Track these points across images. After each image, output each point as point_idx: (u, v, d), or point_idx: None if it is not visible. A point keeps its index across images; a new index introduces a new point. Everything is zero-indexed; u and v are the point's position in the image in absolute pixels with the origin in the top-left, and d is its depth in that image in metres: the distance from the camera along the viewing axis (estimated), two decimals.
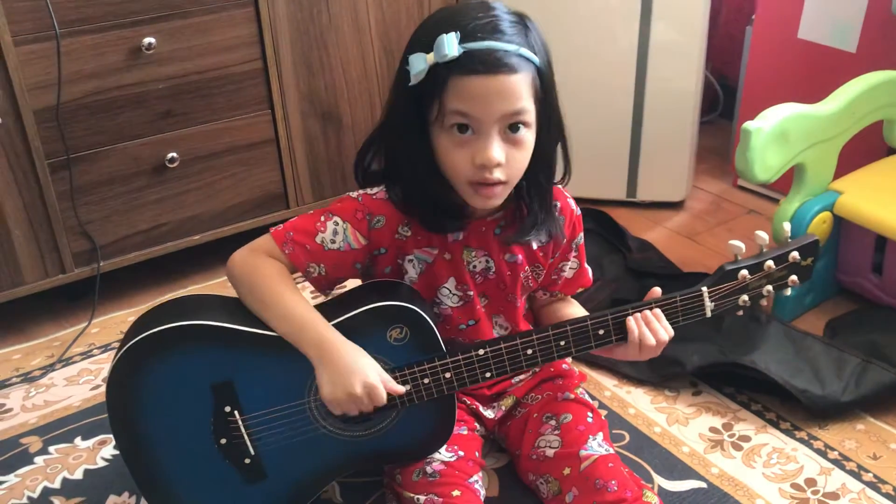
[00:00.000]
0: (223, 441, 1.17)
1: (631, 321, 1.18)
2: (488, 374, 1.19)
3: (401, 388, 1.15)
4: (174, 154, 1.81)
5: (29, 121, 1.64)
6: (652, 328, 1.17)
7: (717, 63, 2.62)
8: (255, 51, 1.84)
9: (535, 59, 1.10)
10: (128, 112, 1.74)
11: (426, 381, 1.17)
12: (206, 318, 1.14)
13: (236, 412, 1.16)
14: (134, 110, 1.74)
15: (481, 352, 1.18)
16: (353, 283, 1.28)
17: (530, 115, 1.11)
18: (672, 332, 1.19)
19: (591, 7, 2.06)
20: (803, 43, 2.07)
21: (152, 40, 1.70)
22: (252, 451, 1.19)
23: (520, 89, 1.09)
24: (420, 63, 1.08)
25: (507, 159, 1.11)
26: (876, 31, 1.94)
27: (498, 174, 1.11)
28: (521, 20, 1.12)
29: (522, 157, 1.13)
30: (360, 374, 1.11)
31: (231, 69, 1.82)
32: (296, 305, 1.14)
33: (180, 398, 1.15)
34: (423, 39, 1.10)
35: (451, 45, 1.05)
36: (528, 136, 1.13)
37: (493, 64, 1.06)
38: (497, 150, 1.09)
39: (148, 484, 1.19)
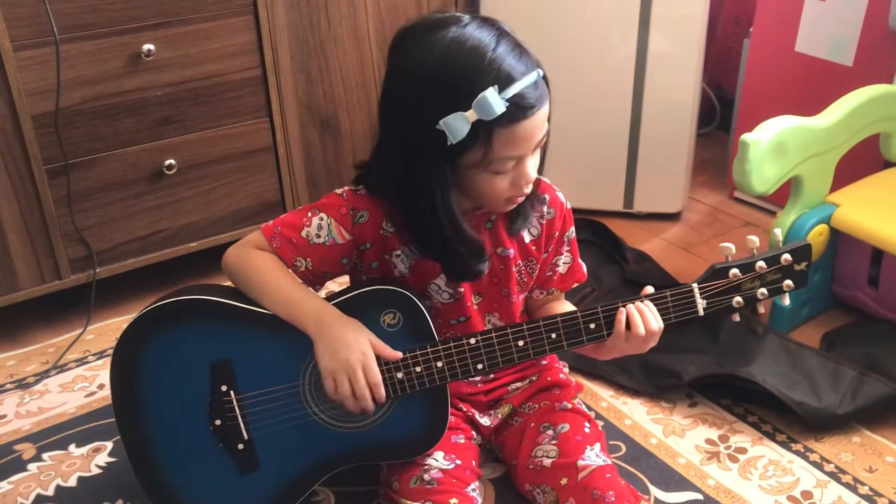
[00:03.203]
0: (217, 422, 1.18)
1: (621, 310, 1.18)
2: (480, 366, 1.19)
3: (396, 354, 1.16)
4: (172, 161, 1.81)
5: (27, 126, 1.63)
6: (643, 316, 1.18)
7: (714, 75, 2.64)
8: (254, 58, 1.84)
9: (542, 70, 1.12)
10: (126, 118, 1.74)
11: (418, 369, 1.18)
12: (209, 296, 1.18)
13: (232, 392, 1.17)
14: (132, 117, 1.74)
15: (472, 341, 1.18)
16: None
17: None
18: (662, 325, 1.19)
19: (589, 18, 2.07)
20: (800, 56, 2.08)
21: (151, 47, 1.70)
22: (246, 436, 1.20)
23: (548, 110, 1.13)
24: (463, 125, 1.05)
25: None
26: (872, 46, 1.95)
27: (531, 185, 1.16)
28: (509, 33, 1.11)
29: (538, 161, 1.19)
30: (358, 346, 1.13)
31: (230, 77, 1.82)
32: (290, 285, 1.18)
33: (180, 374, 1.17)
34: (452, 94, 1.06)
35: (496, 103, 1.04)
36: None
37: (534, 102, 1.08)
38: (533, 168, 1.15)
39: (143, 469, 1.20)
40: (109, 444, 1.50)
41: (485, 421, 1.38)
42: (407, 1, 1.98)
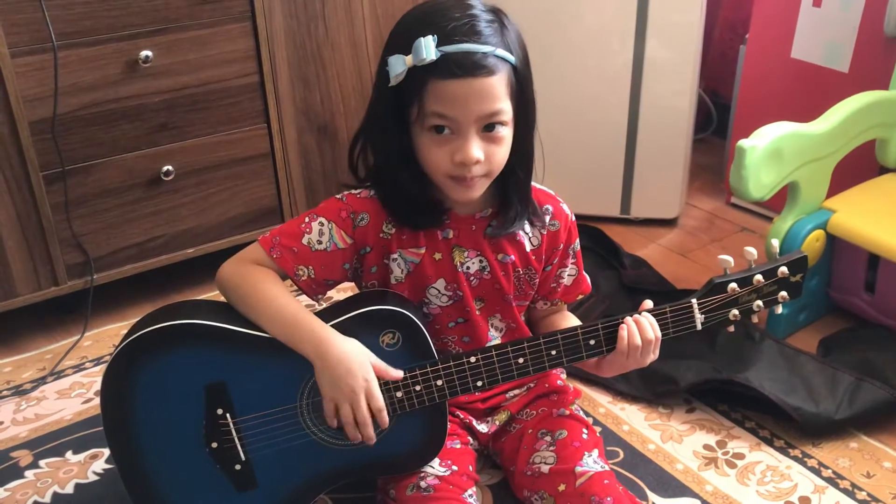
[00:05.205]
0: (214, 445, 1.17)
1: (622, 327, 1.19)
2: (479, 383, 1.19)
3: (398, 374, 1.15)
4: (169, 167, 1.81)
5: (24, 133, 1.63)
6: (640, 327, 1.18)
7: (710, 81, 2.64)
8: (251, 65, 1.84)
9: (511, 58, 1.12)
10: (124, 124, 1.74)
11: (417, 388, 1.17)
12: (202, 319, 1.15)
13: (228, 415, 1.16)
14: (130, 123, 1.74)
15: (473, 359, 1.18)
16: (341, 296, 1.28)
17: (507, 114, 1.13)
18: (659, 335, 1.20)
19: (586, 25, 2.07)
20: (796, 62, 2.09)
21: (149, 53, 1.70)
22: (243, 457, 1.18)
23: (497, 91, 1.10)
24: (399, 65, 1.09)
25: (487, 155, 1.13)
26: (868, 52, 1.96)
27: (477, 170, 1.13)
28: (498, 18, 1.14)
29: (502, 152, 1.16)
30: (361, 372, 1.12)
31: (227, 83, 1.82)
32: (288, 306, 1.15)
33: (174, 398, 1.15)
34: (402, 40, 1.11)
35: (428, 48, 1.07)
36: (506, 132, 1.15)
37: (470, 67, 1.08)
38: (476, 148, 1.12)
39: (138, 489, 1.19)
40: (106, 451, 1.49)
41: (482, 428, 1.38)
42: (404, 7, 1.99)
